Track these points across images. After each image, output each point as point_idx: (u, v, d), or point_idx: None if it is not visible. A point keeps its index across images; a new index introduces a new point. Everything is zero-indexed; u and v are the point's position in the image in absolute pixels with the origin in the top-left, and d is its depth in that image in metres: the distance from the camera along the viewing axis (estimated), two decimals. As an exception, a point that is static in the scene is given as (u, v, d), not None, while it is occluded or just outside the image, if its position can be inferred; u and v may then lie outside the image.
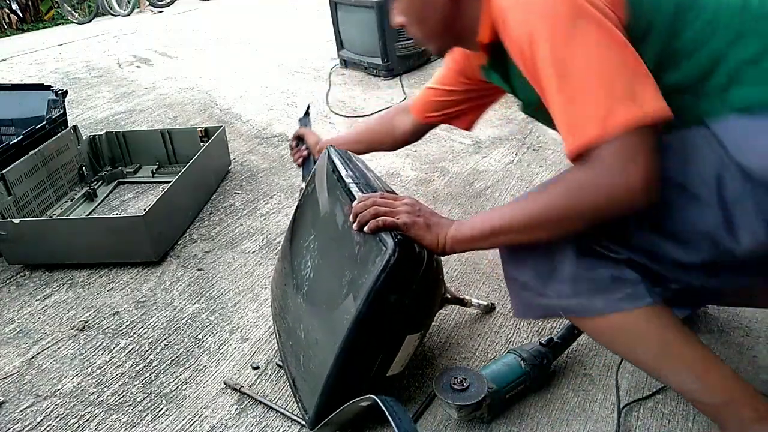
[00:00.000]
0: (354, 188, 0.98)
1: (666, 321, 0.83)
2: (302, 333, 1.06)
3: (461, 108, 1.23)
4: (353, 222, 0.92)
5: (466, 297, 1.27)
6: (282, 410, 1.08)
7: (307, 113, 1.47)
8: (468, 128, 1.28)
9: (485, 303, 1.29)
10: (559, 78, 0.73)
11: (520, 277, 0.89)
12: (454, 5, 0.89)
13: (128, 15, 7.17)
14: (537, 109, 0.87)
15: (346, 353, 0.91)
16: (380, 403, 0.83)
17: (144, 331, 1.34)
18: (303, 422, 1.03)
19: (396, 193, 1.02)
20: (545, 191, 0.80)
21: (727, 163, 0.73)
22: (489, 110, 1.25)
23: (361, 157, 1.22)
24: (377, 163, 2.10)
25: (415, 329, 0.97)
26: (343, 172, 1.03)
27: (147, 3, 7.41)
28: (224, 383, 1.16)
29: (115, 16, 7.22)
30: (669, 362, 0.85)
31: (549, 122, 0.81)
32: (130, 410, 1.12)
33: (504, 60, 0.88)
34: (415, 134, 1.33)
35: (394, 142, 1.35)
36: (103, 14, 7.49)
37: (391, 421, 0.79)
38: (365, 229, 0.90)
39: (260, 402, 1.11)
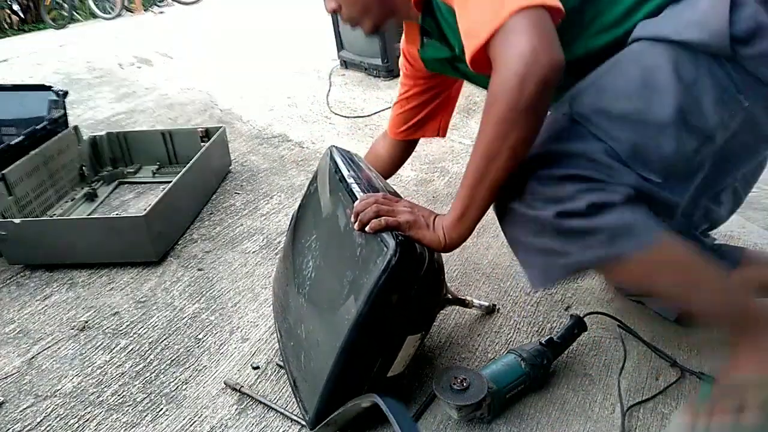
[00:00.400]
0: (356, 188, 0.98)
1: (682, 245, 0.84)
2: (303, 333, 1.06)
3: (424, 114, 1.29)
4: (354, 221, 0.92)
5: (468, 298, 1.27)
6: (282, 410, 1.08)
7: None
8: (440, 134, 1.35)
9: (486, 304, 1.29)
10: None
11: (540, 243, 0.85)
12: None
13: (113, 19, 7.13)
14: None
15: (346, 354, 0.91)
16: (381, 403, 0.83)
17: (144, 331, 1.34)
18: (303, 422, 1.03)
19: (399, 195, 1.02)
20: (481, 124, 0.80)
21: (674, 52, 0.78)
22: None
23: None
24: (377, 163, 2.10)
25: (416, 330, 0.97)
26: (345, 173, 1.03)
27: (141, 8, 7.40)
28: (224, 383, 1.16)
29: (103, 18, 7.21)
30: (696, 279, 0.87)
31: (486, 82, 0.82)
32: (130, 410, 1.12)
33: (434, 10, 0.95)
34: (399, 154, 1.39)
35: (385, 168, 1.40)
36: (77, 20, 7.47)
37: (393, 421, 0.79)
38: (366, 228, 0.90)
39: (260, 402, 1.11)
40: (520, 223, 0.86)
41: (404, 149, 1.40)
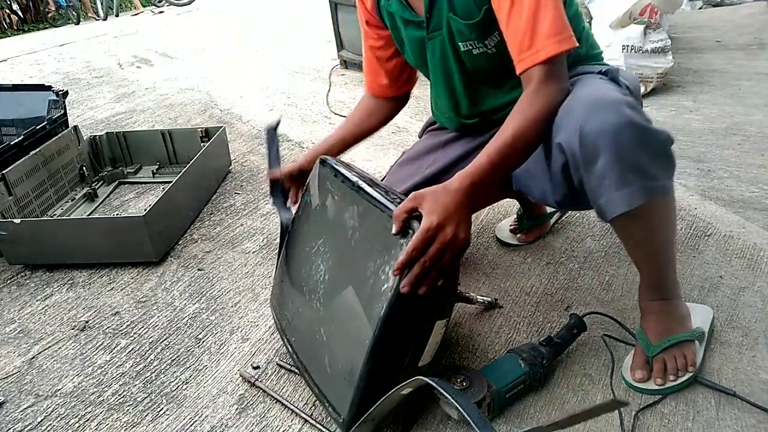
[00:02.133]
0: (366, 187, 0.99)
1: None
2: (324, 336, 1.03)
3: (392, 60, 1.30)
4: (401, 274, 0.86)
5: (471, 294, 1.28)
6: (291, 405, 1.08)
7: (274, 130, 1.39)
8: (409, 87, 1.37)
9: (489, 299, 1.30)
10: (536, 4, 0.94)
11: (640, 158, 0.89)
12: None
13: (105, 19, 7.14)
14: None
15: (380, 341, 0.89)
16: (431, 382, 0.81)
17: (144, 331, 1.34)
18: (337, 423, 0.99)
19: (396, 193, 1.02)
20: (517, 117, 0.95)
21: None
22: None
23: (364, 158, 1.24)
24: (377, 163, 2.10)
25: (443, 314, 0.96)
26: (351, 177, 1.03)
27: (140, 8, 7.40)
28: (239, 374, 1.17)
29: (97, 20, 7.22)
30: (673, 240, 1.08)
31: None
32: (130, 410, 1.12)
33: None
34: (394, 108, 1.38)
35: (379, 119, 1.38)
36: (67, 22, 7.46)
37: (449, 397, 0.78)
38: (420, 292, 0.86)
39: (275, 399, 1.11)
40: (637, 133, 0.88)
41: (399, 103, 1.39)
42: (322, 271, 1.06)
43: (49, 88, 2.04)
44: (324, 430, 1.03)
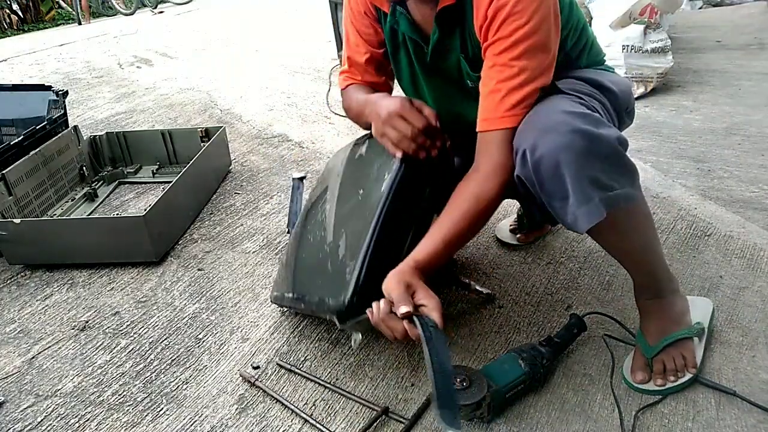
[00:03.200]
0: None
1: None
2: (328, 248, 1.08)
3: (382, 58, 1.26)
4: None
5: (470, 281, 1.28)
6: (291, 405, 1.08)
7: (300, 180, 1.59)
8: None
9: (487, 291, 1.31)
10: (523, 70, 0.95)
11: (594, 171, 0.88)
12: None
13: (132, 14, 7.20)
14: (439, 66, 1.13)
15: (385, 215, 0.98)
16: (415, 318, 0.84)
17: (144, 331, 1.34)
18: (336, 309, 1.00)
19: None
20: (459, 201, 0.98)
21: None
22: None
23: None
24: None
25: (439, 210, 1.02)
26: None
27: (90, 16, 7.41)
28: (239, 374, 1.17)
29: (121, 15, 7.25)
30: (657, 240, 1.08)
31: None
32: (130, 410, 1.12)
33: (450, 22, 1.05)
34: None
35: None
36: (102, 15, 7.50)
37: (421, 334, 0.80)
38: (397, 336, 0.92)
39: (274, 398, 1.11)
40: (585, 146, 0.88)
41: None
42: (327, 209, 1.14)
43: (49, 88, 2.03)
44: (324, 430, 1.03)
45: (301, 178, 1.63)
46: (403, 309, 0.85)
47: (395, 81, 1.29)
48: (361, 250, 0.99)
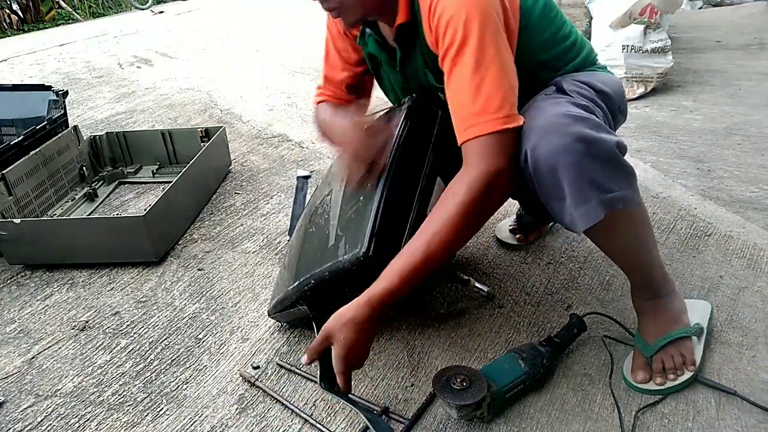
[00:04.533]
0: None
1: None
2: (333, 230, 1.12)
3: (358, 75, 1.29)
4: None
5: (470, 277, 1.28)
6: (291, 405, 1.08)
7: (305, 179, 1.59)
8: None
9: (485, 289, 1.30)
10: (475, 69, 0.90)
11: (592, 173, 0.89)
12: None
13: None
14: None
15: (391, 179, 1.02)
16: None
17: (144, 331, 1.34)
18: (352, 262, 1.00)
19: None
20: (446, 204, 0.93)
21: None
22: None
23: None
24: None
25: (442, 175, 1.09)
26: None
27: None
28: (239, 374, 1.17)
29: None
30: (653, 242, 1.07)
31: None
32: (130, 410, 1.12)
33: (408, 39, 1.06)
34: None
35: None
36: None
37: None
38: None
39: (274, 398, 1.11)
40: (585, 148, 0.88)
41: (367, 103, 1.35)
42: (331, 210, 1.17)
43: (49, 88, 2.03)
44: (324, 430, 1.03)
45: (306, 177, 1.61)
46: (303, 359, 0.95)
47: (383, 93, 1.31)
48: (373, 204, 1.01)
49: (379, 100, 1.34)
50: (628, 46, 2.64)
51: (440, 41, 0.94)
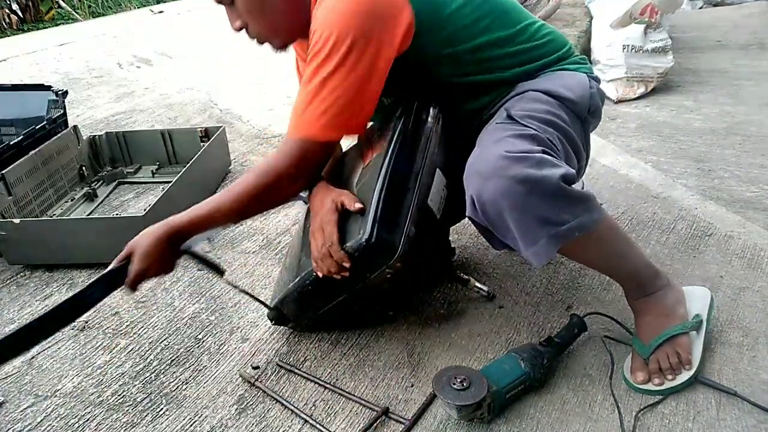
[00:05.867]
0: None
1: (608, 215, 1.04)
2: None
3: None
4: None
5: (470, 278, 1.28)
6: (291, 405, 1.08)
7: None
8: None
9: (486, 288, 1.31)
10: (322, 79, 0.98)
11: (539, 212, 0.90)
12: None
13: None
14: None
15: (392, 161, 1.04)
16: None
17: (144, 331, 1.34)
18: (357, 247, 1.01)
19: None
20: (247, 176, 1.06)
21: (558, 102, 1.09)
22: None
23: None
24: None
25: (442, 169, 1.11)
26: None
27: None
28: (239, 374, 1.17)
29: None
30: (629, 248, 1.08)
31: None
32: (130, 410, 1.12)
33: None
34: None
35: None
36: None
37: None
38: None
39: (274, 398, 1.11)
40: (526, 189, 0.89)
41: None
42: None
43: (48, 87, 2.03)
44: (324, 430, 1.03)
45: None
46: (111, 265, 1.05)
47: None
48: (375, 193, 1.01)
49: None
50: (628, 45, 2.64)
51: (308, 50, 1.00)
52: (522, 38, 1.14)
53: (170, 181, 1.70)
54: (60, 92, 2.01)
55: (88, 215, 1.89)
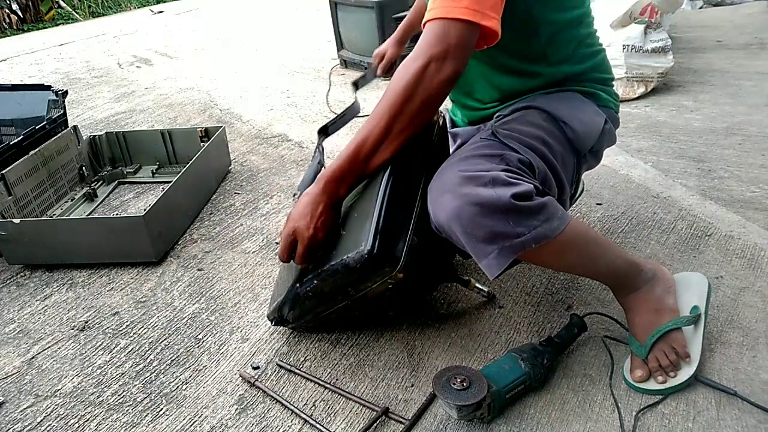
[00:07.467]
0: None
1: (583, 224, 1.05)
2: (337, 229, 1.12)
3: None
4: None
5: (470, 278, 1.28)
6: (291, 405, 1.08)
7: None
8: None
9: (486, 289, 1.30)
10: None
11: (491, 228, 0.91)
12: None
13: None
14: None
15: (395, 174, 1.03)
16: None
17: (144, 331, 1.34)
18: (357, 259, 1.00)
19: None
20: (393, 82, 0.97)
21: (561, 130, 1.11)
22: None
23: None
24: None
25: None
26: None
27: None
28: (239, 374, 1.17)
29: None
30: (602, 249, 1.06)
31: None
32: (130, 410, 1.12)
33: None
34: None
35: None
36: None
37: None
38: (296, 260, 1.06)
39: (274, 398, 1.11)
40: (474, 210, 0.90)
41: None
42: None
43: (48, 87, 2.03)
44: (324, 430, 1.03)
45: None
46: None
47: None
48: (376, 202, 1.01)
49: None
50: (628, 45, 2.64)
51: None
52: (593, 40, 1.17)
53: (170, 181, 1.70)
54: (60, 92, 2.02)
55: (88, 215, 1.89)
